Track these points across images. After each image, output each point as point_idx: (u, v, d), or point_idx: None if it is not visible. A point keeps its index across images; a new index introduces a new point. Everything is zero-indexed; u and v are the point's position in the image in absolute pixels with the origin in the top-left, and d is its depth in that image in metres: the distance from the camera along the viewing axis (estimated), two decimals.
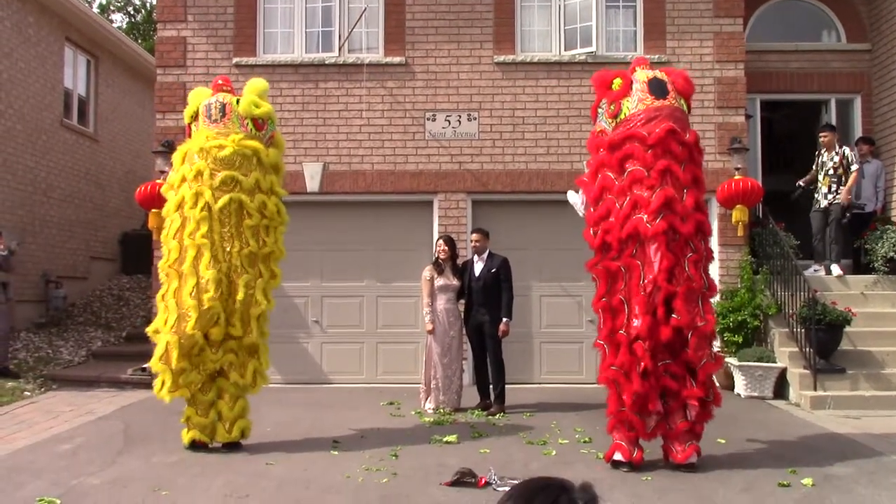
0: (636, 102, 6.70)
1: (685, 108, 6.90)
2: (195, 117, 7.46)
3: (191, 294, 6.93)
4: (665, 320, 6.31)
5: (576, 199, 7.39)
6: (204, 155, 7.20)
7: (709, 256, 6.72)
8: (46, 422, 8.55)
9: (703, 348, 6.43)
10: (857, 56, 12.33)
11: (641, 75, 6.82)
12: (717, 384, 8.54)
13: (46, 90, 14.28)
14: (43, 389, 10.41)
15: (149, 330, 7.27)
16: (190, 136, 7.52)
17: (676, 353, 6.46)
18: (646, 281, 6.35)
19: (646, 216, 6.36)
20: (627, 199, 6.50)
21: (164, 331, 7.00)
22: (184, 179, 7.22)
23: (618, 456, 6.56)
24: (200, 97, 7.51)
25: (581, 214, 7.23)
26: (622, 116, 6.74)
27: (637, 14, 11.34)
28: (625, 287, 6.48)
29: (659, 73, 6.88)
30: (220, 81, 7.65)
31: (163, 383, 7.04)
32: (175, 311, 6.96)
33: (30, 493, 5.81)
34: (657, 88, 6.70)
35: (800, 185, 11.46)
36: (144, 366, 10.78)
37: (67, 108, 15.18)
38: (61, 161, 14.72)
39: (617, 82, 6.85)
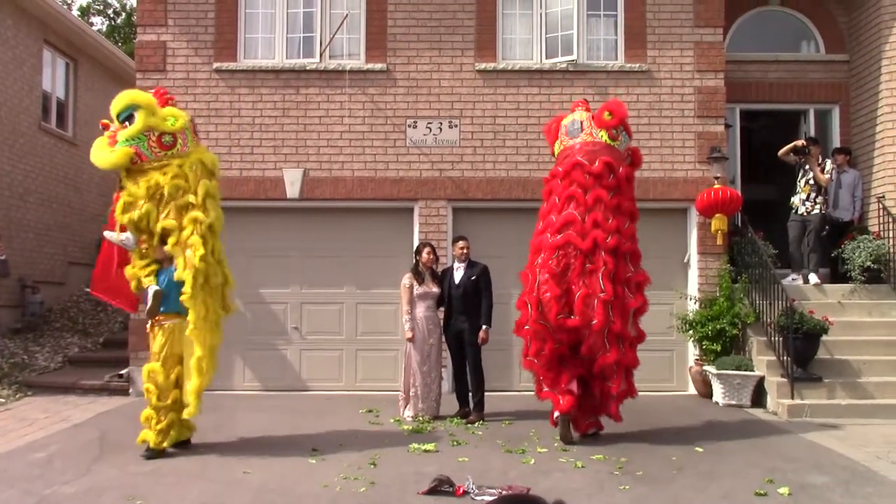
0: (559, 144, 8.20)
1: (604, 138, 7.93)
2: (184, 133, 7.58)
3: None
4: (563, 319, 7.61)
5: None
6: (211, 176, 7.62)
7: (608, 267, 7.60)
8: (21, 429, 8.45)
9: (598, 345, 7.58)
10: (836, 67, 12.44)
11: (565, 120, 8.20)
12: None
13: (24, 93, 14.16)
14: (18, 396, 10.30)
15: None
16: (164, 149, 7.51)
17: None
18: (539, 283, 7.69)
19: (549, 234, 7.79)
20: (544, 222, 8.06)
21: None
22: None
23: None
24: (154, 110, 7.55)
25: None
26: (555, 156, 8.33)
27: (618, 23, 11.39)
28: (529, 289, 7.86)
29: (578, 115, 8.13)
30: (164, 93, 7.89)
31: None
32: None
33: (2, 502, 5.75)
34: (571, 130, 8.09)
35: (800, 146, 11.29)
36: (121, 372, 10.73)
37: (46, 111, 15.06)
38: (39, 164, 14.59)
39: (553, 127, 8.37)
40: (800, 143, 11.38)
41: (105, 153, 7.47)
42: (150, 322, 7.45)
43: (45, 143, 14.84)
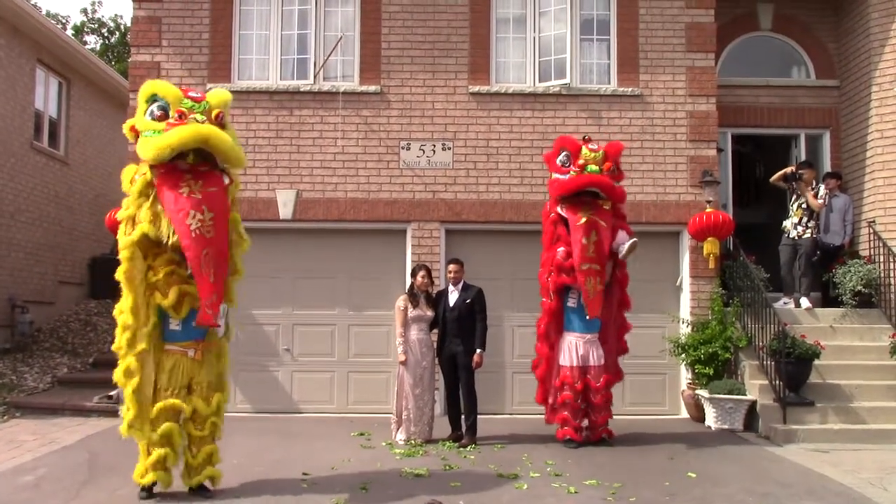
0: None
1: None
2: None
3: None
4: None
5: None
6: None
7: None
8: (8, 451, 8.36)
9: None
10: (826, 92, 12.54)
11: None
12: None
13: (16, 112, 14.13)
14: (6, 417, 10.20)
15: None
16: None
17: None
18: None
19: None
20: None
21: None
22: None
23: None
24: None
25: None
26: None
27: (610, 47, 11.46)
28: None
29: None
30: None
31: None
32: None
33: None
34: None
35: (790, 173, 11.40)
36: (111, 393, 10.64)
37: (38, 130, 15.03)
38: (30, 184, 14.54)
39: None
40: (789, 169, 11.45)
41: (238, 148, 6.77)
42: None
43: (36, 162, 14.80)
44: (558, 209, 8.94)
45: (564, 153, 8.95)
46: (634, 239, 8.89)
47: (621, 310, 9.19)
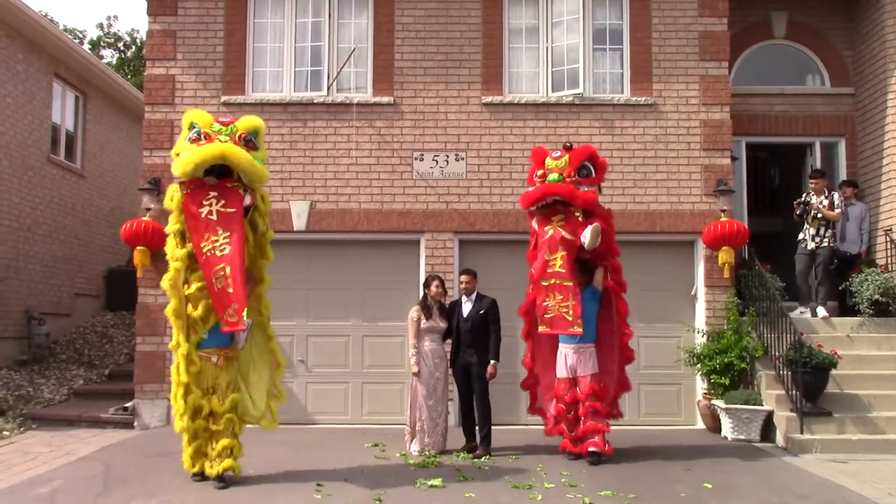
0: None
1: None
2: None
3: None
4: None
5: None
6: None
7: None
8: (24, 463, 8.40)
9: None
10: (841, 100, 12.48)
11: None
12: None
13: (34, 126, 14.27)
14: (22, 429, 10.25)
15: None
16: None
17: None
18: None
19: None
20: None
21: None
22: None
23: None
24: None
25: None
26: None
27: (623, 57, 11.45)
28: None
29: None
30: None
31: None
32: None
33: None
34: None
35: (800, 203, 11.33)
36: (126, 405, 10.69)
37: (55, 143, 15.17)
38: (47, 197, 14.67)
39: None
40: (796, 204, 11.33)
41: (259, 165, 7.51)
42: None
43: (53, 175, 14.93)
44: (532, 223, 8.94)
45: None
46: (595, 224, 8.39)
47: (620, 317, 8.91)
